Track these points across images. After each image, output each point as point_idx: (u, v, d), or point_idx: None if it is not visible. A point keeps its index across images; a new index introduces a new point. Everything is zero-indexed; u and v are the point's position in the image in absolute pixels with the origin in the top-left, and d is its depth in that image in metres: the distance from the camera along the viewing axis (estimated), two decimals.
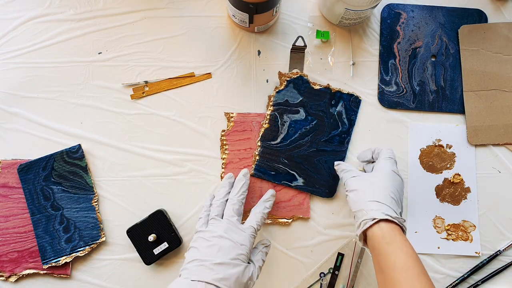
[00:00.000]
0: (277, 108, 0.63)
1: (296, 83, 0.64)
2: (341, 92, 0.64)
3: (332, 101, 0.64)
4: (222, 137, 0.64)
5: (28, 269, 0.61)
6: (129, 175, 0.63)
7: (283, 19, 0.66)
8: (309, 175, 0.63)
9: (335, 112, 0.64)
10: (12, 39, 0.65)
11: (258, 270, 0.52)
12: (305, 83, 0.64)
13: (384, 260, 0.46)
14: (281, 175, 0.63)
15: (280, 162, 0.63)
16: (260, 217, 0.55)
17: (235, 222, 0.53)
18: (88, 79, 0.65)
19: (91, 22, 0.66)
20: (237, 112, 0.64)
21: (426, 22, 0.66)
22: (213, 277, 0.47)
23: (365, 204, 0.50)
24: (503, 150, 0.64)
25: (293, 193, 0.63)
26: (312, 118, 0.63)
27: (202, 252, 0.50)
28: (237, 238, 0.51)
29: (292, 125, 0.63)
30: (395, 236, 0.46)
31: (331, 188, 0.63)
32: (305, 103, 0.63)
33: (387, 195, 0.50)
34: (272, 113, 0.63)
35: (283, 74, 0.64)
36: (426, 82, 0.65)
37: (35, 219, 0.61)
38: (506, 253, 0.63)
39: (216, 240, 0.50)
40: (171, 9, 0.66)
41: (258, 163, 0.63)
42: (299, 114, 0.63)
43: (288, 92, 0.64)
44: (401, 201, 0.52)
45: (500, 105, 0.64)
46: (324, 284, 0.62)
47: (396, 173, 0.53)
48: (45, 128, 0.64)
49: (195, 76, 0.65)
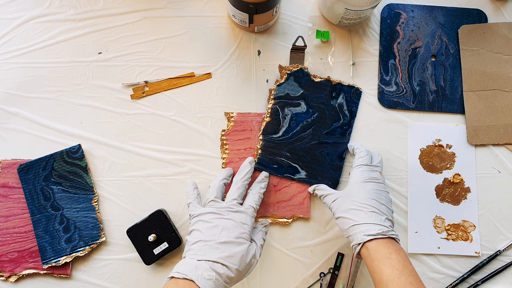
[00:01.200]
0: (278, 101, 0.63)
1: (296, 76, 0.64)
2: (341, 84, 0.64)
3: (333, 93, 0.64)
4: (222, 137, 0.64)
5: (28, 269, 0.61)
6: (129, 175, 0.63)
7: (283, 19, 0.66)
8: (311, 168, 0.63)
9: (336, 104, 0.64)
10: (12, 39, 0.65)
11: (260, 249, 0.53)
12: (306, 76, 0.64)
13: (373, 276, 0.48)
14: (283, 168, 0.63)
15: (282, 155, 0.63)
16: (257, 197, 0.57)
17: (235, 203, 0.54)
18: (88, 79, 0.65)
19: (91, 22, 0.66)
20: (237, 112, 0.64)
21: (426, 22, 0.66)
22: (218, 255, 0.48)
23: (350, 229, 0.51)
24: (503, 150, 0.64)
25: (293, 193, 0.63)
26: (313, 110, 0.63)
27: (205, 234, 0.51)
28: (238, 217, 0.53)
29: (293, 118, 0.63)
30: (379, 251, 0.48)
31: (334, 180, 0.63)
32: (306, 96, 0.64)
33: (365, 212, 0.51)
34: (273, 107, 0.63)
35: (284, 67, 0.64)
36: (426, 82, 0.65)
37: (35, 219, 0.61)
38: (506, 253, 0.63)
39: (218, 221, 0.52)
40: (171, 9, 0.66)
41: (260, 157, 0.63)
42: (300, 107, 0.64)
43: (288, 85, 0.64)
44: (386, 204, 0.53)
45: (500, 105, 0.64)
46: (324, 284, 0.62)
47: (369, 181, 0.54)
48: (45, 128, 0.64)
49: (195, 76, 0.65)
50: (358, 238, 0.50)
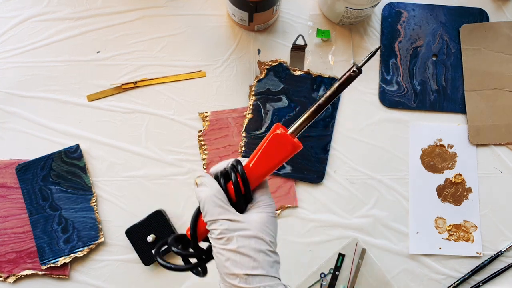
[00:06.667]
0: (259, 97, 0.63)
1: (276, 71, 0.63)
2: (322, 77, 0.64)
3: (314, 86, 0.63)
4: (200, 138, 0.63)
5: (26, 269, 0.60)
6: (127, 175, 0.63)
7: (283, 17, 0.66)
8: (296, 162, 0.62)
9: (318, 97, 0.63)
10: (10, 38, 0.65)
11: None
12: (285, 70, 0.63)
13: None
14: None
15: None
16: None
17: None
18: (87, 78, 0.64)
19: (89, 21, 0.65)
20: (211, 110, 0.64)
21: (427, 21, 0.66)
22: None
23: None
24: (505, 150, 0.64)
25: (278, 184, 0.63)
26: (295, 104, 0.63)
27: None
28: None
29: (275, 113, 0.63)
30: None
31: (319, 173, 0.63)
32: (287, 90, 0.63)
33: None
34: (254, 103, 0.63)
35: (263, 62, 0.64)
36: (427, 82, 0.65)
37: (33, 220, 0.61)
38: (508, 254, 0.62)
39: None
40: (170, 8, 0.66)
41: (244, 154, 0.62)
42: (281, 102, 0.63)
43: (269, 80, 0.63)
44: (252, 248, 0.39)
45: (502, 105, 0.64)
46: (324, 285, 0.61)
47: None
48: (43, 128, 0.63)
49: (198, 72, 0.64)
50: None
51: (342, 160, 0.64)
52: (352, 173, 0.63)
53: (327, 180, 0.63)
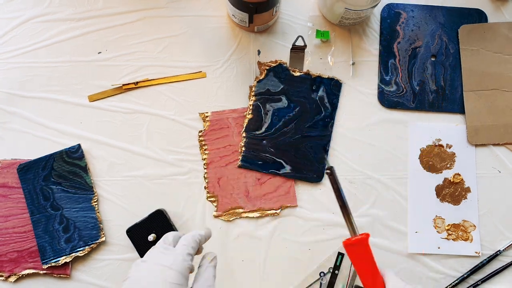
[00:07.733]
0: (259, 97, 0.64)
1: (276, 72, 0.64)
2: (321, 77, 0.64)
3: (313, 87, 0.64)
4: (200, 138, 0.63)
5: (27, 269, 0.61)
6: (128, 175, 0.63)
7: (283, 18, 0.66)
8: (296, 162, 0.63)
9: (317, 97, 0.64)
10: (12, 39, 0.65)
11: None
12: (285, 71, 0.64)
13: None
14: (268, 164, 0.63)
15: (266, 151, 0.63)
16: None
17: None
18: (88, 79, 0.65)
19: (90, 22, 0.65)
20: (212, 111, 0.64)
21: (426, 22, 0.66)
22: None
23: None
24: (503, 150, 0.64)
25: (278, 183, 0.63)
26: (295, 105, 0.64)
27: None
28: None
29: (275, 114, 0.63)
30: None
31: (318, 173, 0.63)
32: (287, 91, 0.64)
33: None
34: (254, 103, 0.63)
35: (262, 63, 0.64)
36: (426, 82, 0.65)
37: (34, 219, 0.61)
38: (506, 253, 0.62)
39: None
40: (171, 9, 0.66)
41: (244, 154, 0.63)
42: (281, 102, 0.64)
43: (268, 81, 0.64)
44: None
45: (500, 105, 0.64)
46: (323, 284, 0.62)
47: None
48: (44, 128, 0.64)
49: (198, 73, 0.65)
50: None
51: (341, 160, 0.64)
52: (351, 173, 0.64)
53: (327, 179, 0.63)
